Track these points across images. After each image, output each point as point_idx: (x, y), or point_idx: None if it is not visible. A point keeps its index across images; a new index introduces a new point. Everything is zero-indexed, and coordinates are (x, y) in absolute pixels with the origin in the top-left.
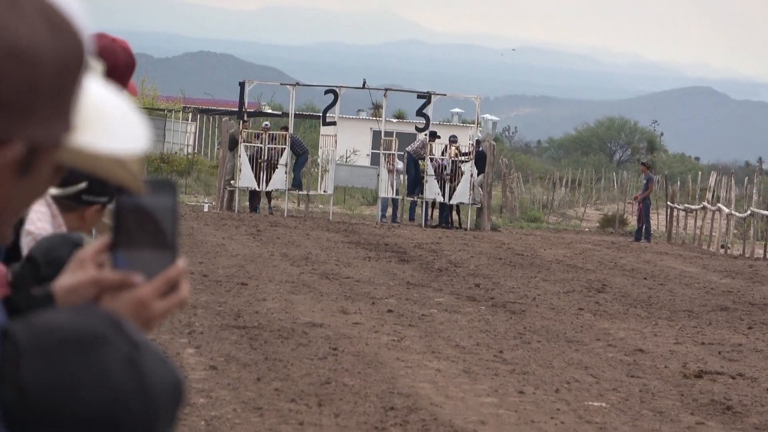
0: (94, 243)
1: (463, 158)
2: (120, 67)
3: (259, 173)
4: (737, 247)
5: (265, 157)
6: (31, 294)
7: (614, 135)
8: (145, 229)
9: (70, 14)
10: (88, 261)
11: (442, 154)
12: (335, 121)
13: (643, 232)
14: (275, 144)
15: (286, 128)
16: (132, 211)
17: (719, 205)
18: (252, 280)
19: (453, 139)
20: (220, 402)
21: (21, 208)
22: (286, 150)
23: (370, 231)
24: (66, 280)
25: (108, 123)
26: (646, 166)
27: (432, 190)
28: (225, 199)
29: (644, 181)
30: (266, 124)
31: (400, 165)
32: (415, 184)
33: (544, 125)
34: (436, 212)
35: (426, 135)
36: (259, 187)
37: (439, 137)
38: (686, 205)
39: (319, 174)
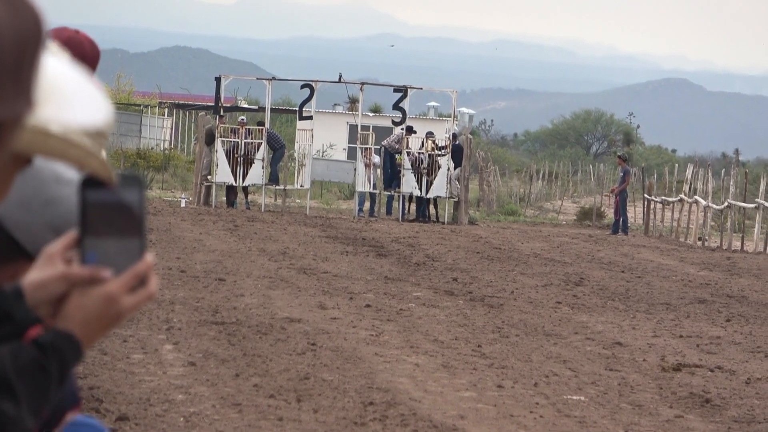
0: (62, 238)
1: (439, 152)
2: (87, 57)
3: (236, 168)
4: (715, 239)
5: (242, 152)
6: (1, 290)
7: (590, 128)
8: (113, 224)
9: None
10: (56, 256)
11: (419, 148)
12: (311, 116)
13: (620, 225)
14: (252, 139)
15: (262, 123)
16: (99, 205)
17: (696, 197)
18: (230, 276)
19: (429, 134)
20: (198, 398)
21: None
22: (263, 145)
23: (348, 225)
24: (34, 276)
25: (68, 96)
26: (623, 159)
27: (409, 184)
28: (202, 195)
29: (621, 174)
30: (242, 119)
31: (376, 159)
32: (392, 178)
33: (520, 118)
34: (413, 206)
35: (402, 129)
36: (235, 182)
37: (415, 132)
38: (663, 197)
39: (296, 168)
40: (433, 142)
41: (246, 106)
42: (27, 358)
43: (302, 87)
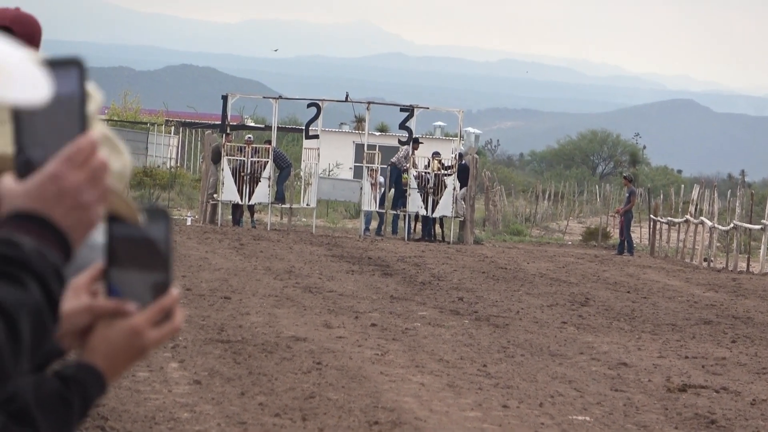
0: (88, 270)
1: (446, 172)
2: (36, 35)
3: (242, 187)
4: (720, 261)
5: (248, 171)
6: None
7: (597, 148)
8: (139, 257)
9: None
10: (81, 288)
11: (425, 167)
12: (318, 135)
13: (625, 246)
14: (258, 157)
15: (269, 142)
16: (125, 239)
17: (702, 218)
18: (235, 294)
19: (436, 154)
20: (204, 417)
21: None
22: (269, 163)
23: (354, 244)
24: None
25: (9, 75)
26: (628, 179)
27: (415, 203)
28: (208, 213)
29: (626, 195)
30: (249, 137)
31: (381, 179)
32: (398, 197)
33: (526, 138)
34: (419, 225)
35: (409, 146)
36: (241, 201)
37: (421, 143)
38: (669, 218)
39: (302, 187)
40: (439, 161)
41: (252, 124)
42: (49, 390)
43: (309, 106)
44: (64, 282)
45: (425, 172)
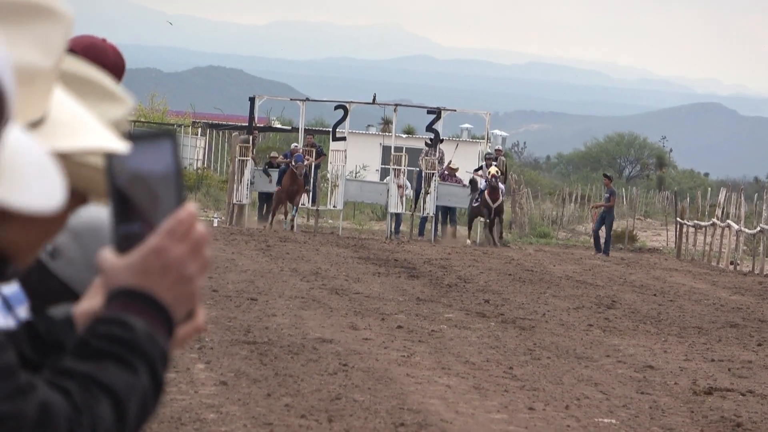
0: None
1: (503, 175)
2: (109, 66)
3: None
4: (747, 264)
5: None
6: (51, 318)
7: (623, 151)
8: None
9: None
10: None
11: (481, 172)
12: (345, 137)
13: (602, 246)
14: (307, 159)
15: (313, 145)
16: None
17: (729, 221)
18: (262, 296)
19: (491, 157)
20: (230, 418)
21: None
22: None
23: (380, 246)
24: (85, 305)
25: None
26: (609, 179)
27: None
28: (235, 214)
29: (606, 195)
30: (295, 145)
31: (407, 182)
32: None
33: (553, 141)
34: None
35: (435, 149)
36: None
37: (442, 140)
38: (696, 221)
39: (329, 189)
40: (497, 167)
41: (279, 126)
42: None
43: (336, 108)
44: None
45: (489, 178)
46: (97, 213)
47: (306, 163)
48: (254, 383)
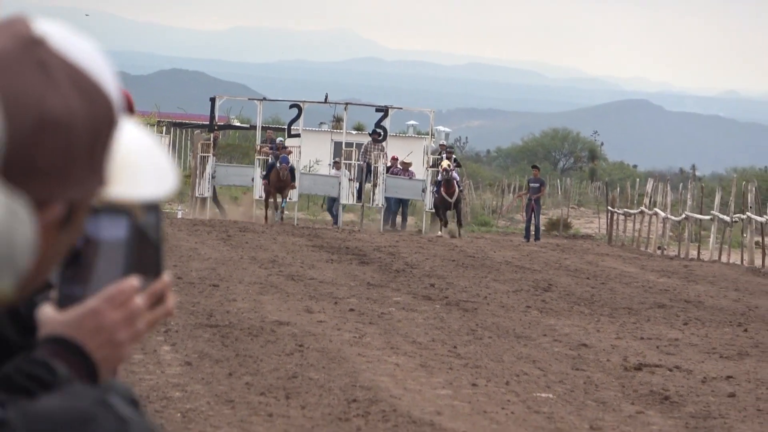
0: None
1: (457, 167)
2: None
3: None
4: (673, 249)
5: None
6: (33, 301)
7: (558, 145)
8: (98, 268)
9: (99, 77)
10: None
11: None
12: (299, 134)
13: (532, 232)
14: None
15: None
16: (86, 247)
17: (656, 209)
18: (223, 282)
19: (450, 150)
20: (194, 396)
21: (61, 255)
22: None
23: (332, 235)
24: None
25: (139, 171)
26: (538, 169)
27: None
28: (197, 207)
29: (537, 185)
30: (280, 140)
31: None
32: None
33: (492, 136)
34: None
35: (370, 141)
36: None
37: (380, 135)
38: (625, 209)
39: None
40: (454, 159)
41: (239, 124)
42: None
43: (291, 107)
44: None
45: (443, 170)
46: None
47: (290, 164)
48: (216, 363)
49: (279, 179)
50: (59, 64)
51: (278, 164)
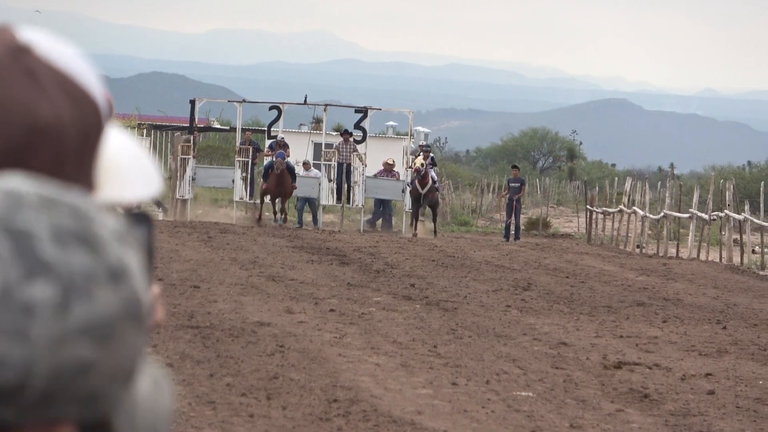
0: None
1: (432, 165)
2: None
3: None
4: (652, 247)
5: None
6: None
7: (537, 144)
8: None
9: (86, 82)
10: None
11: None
12: (278, 135)
13: (512, 231)
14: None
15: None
16: None
17: (634, 208)
18: (204, 283)
19: (427, 150)
20: (176, 397)
21: None
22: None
23: (313, 236)
24: None
25: (126, 174)
26: (518, 169)
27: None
28: (178, 208)
29: (517, 185)
30: (282, 137)
31: (316, 172)
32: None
33: (472, 136)
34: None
35: (341, 141)
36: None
37: (351, 134)
38: (604, 208)
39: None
40: (429, 157)
41: (219, 126)
42: None
43: (270, 108)
44: None
45: (417, 169)
46: None
47: (286, 158)
48: (198, 364)
49: (279, 184)
50: (47, 71)
51: (274, 158)
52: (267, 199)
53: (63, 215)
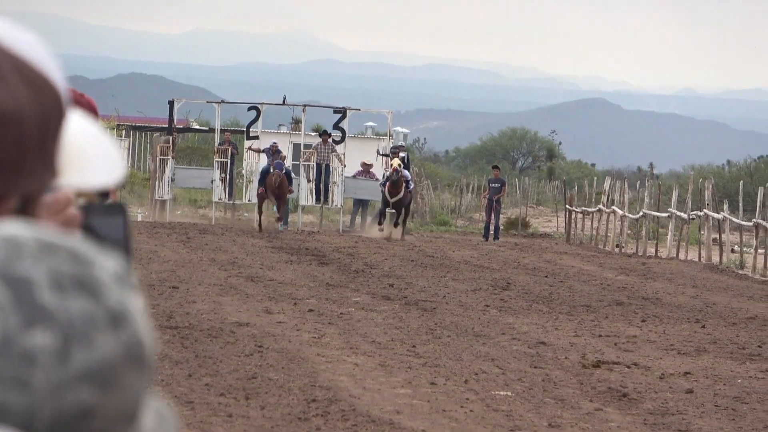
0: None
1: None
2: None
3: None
4: (631, 246)
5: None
6: None
7: (516, 144)
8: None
9: (45, 68)
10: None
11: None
12: (258, 136)
13: (491, 231)
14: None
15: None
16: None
17: (614, 207)
18: (183, 284)
19: (395, 151)
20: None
21: None
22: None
23: (292, 236)
24: None
25: (89, 159)
26: (498, 169)
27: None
28: (157, 209)
29: (498, 185)
30: (274, 143)
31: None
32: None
33: (451, 136)
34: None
35: (319, 142)
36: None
37: (330, 134)
38: (583, 207)
39: (244, 185)
40: (402, 158)
41: (198, 127)
42: None
43: (249, 109)
44: None
45: (395, 171)
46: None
47: (283, 170)
48: (176, 365)
49: (276, 187)
50: (4, 56)
51: (272, 170)
52: (265, 205)
53: (62, 260)
